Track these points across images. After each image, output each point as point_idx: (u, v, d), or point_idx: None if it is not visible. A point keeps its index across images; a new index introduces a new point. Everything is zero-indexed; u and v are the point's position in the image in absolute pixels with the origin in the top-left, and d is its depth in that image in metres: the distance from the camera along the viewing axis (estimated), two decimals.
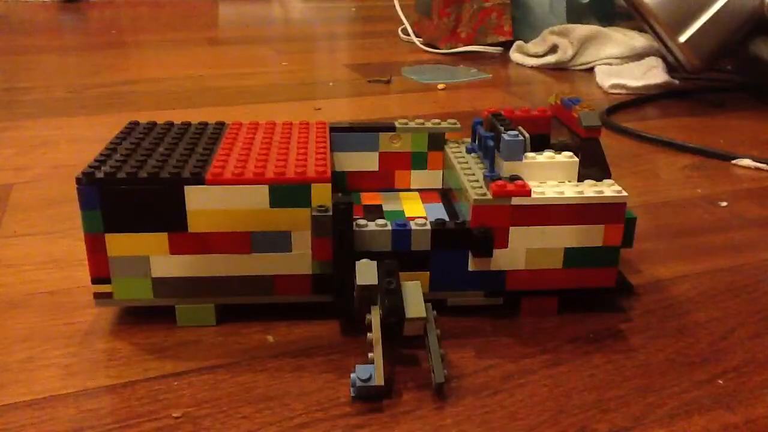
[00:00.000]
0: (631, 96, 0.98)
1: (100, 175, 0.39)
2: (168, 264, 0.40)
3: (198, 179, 0.39)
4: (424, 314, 0.36)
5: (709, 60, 0.93)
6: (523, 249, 0.41)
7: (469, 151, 0.48)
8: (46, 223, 0.56)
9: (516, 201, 0.40)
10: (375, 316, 0.36)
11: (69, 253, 0.51)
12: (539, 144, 0.49)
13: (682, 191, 0.65)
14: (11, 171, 0.68)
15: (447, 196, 0.50)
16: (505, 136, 0.42)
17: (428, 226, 0.40)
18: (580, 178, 0.43)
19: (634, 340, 0.41)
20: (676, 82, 1.02)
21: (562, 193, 0.41)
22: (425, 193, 0.51)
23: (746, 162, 0.72)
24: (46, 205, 0.60)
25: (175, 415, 0.34)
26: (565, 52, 1.14)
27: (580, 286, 0.42)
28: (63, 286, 0.46)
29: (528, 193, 0.40)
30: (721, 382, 0.37)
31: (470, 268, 0.41)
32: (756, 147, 0.78)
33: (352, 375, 0.35)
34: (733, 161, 0.73)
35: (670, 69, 1.05)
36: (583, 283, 0.43)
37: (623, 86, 1.00)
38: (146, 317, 0.42)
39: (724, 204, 0.62)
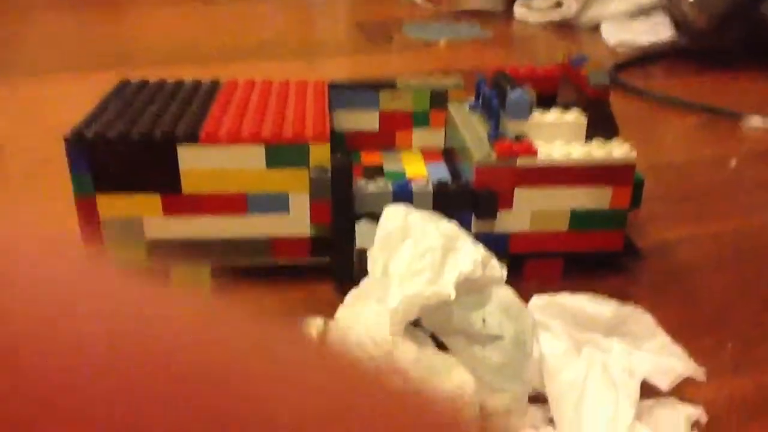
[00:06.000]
0: (637, 53, 0.96)
1: (89, 134, 0.37)
2: (162, 226, 0.39)
3: (192, 138, 0.37)
4: None
5: (718, 20, 0.91)
6: (528, 211, 0.40)
7: (472, 108, 0.47)
8: (38, 186, 0.55)
9: (522, 162, 0.39)
10: None
11: (62, 217, 0.50)
12: (545, 103, 0.47)
13: (689, 152, 0.64)
14: (0, 133, 0.66)
15: (450, 155, 0.49)
16: (511, 95, 0.40)
17: (430, 188, 0.39)
18: (588, 138, 0.41)
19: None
20: (683, 40, 1.00)
21: (570, 154, 0.39)
22: (427, 153, 0.50)
23: (755, 121, 0.70)
24: (39, 166, 0.58)
25: None
26: (570, 7, 1.11)
27: (585, 249, 0.41)
28: None
29: (534, 154, 0.39)
30: (730, 345, 0.36)
31: (473, 230, 0.40)
32: (765, 108, 0.76)
33: None
34: (743, 120, 0.71)
35: (677, 27, 1.02)
36: (589, 246, 0.41)
37: (629, 43, 0.98)
38: None
39: (733, 164, 0.61)
